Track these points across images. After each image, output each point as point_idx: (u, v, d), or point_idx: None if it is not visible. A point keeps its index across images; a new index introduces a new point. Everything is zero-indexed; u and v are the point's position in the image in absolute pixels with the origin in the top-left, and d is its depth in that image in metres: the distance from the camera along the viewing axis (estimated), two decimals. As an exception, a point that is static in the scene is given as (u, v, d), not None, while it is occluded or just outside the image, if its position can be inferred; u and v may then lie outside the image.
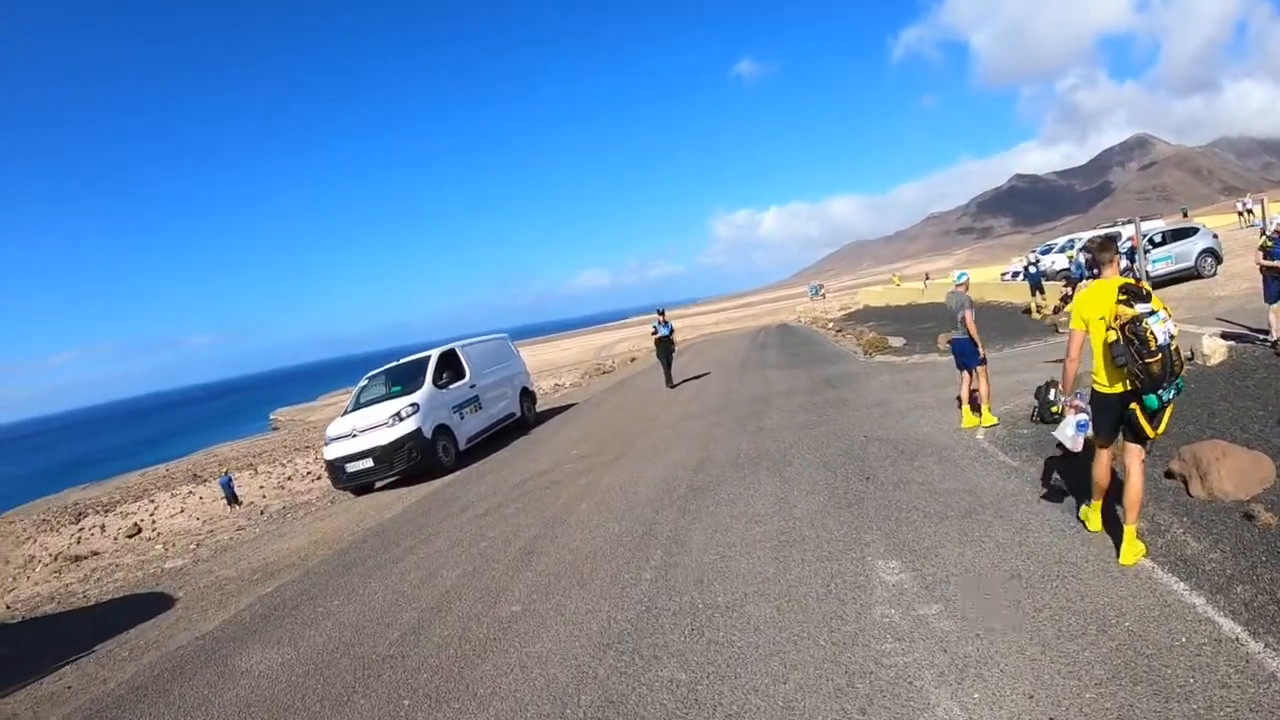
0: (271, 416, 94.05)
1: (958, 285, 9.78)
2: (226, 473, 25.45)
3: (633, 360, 44.66)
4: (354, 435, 13.64)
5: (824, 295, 75.31)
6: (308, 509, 14.33)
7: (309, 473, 29.72)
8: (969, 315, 9.40)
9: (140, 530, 27.82)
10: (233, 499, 23.77)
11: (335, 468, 13.72)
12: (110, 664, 7.27)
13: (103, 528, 29.12)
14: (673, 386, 20.00)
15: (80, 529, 30.04)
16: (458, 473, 13.67)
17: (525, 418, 17.99)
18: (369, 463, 13.38)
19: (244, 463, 40.31)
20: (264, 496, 27.63)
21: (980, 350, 9.44)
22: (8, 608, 11.40)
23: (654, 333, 20.49)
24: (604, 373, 37.79)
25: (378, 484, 13.83)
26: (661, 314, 20.87)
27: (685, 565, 6.30)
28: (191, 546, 13.05)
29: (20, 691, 7.14)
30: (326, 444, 14.06)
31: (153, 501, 33.01)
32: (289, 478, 30.78)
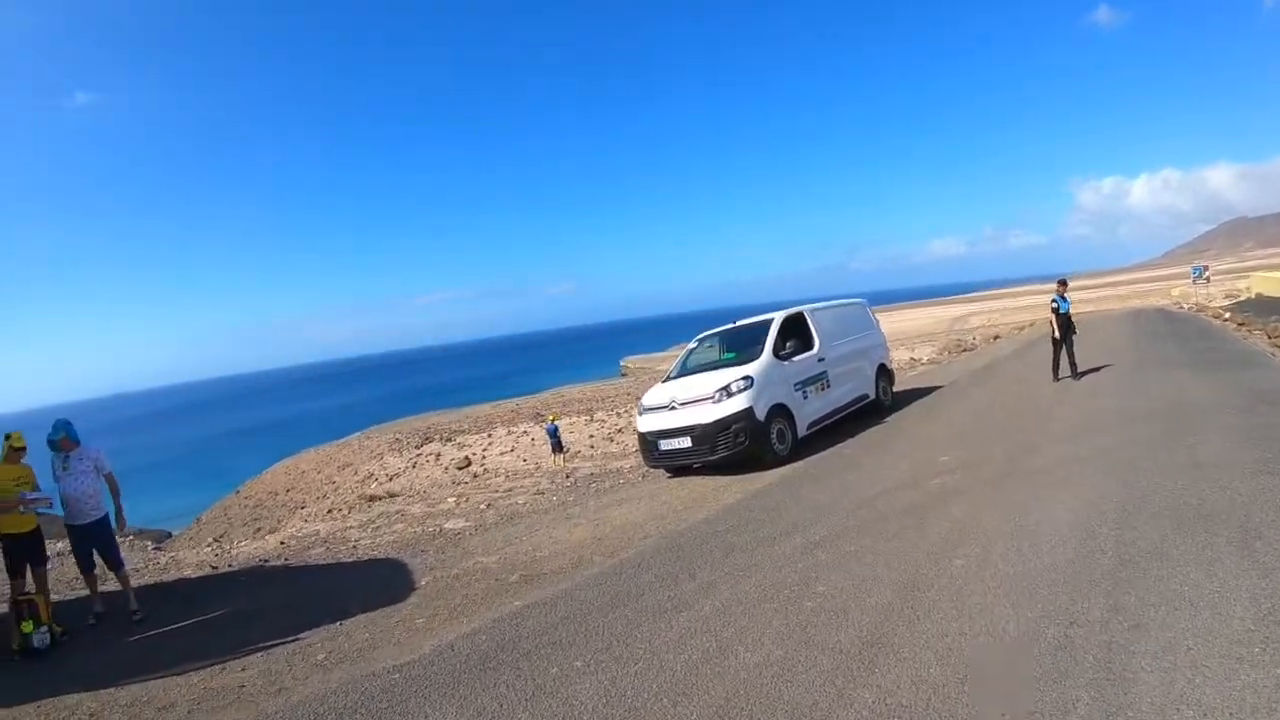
0: (622, 363, 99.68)
1: None
2: (554, 420, 25.51)
3: (995, 338, 38.72)
4: (672, 408, 11.43)
5: (1208, 279, 63.70)
6: (615, 481, 12.44)
7: None
8: None
9: (469, 464, 29.18)
10: (558, 447, 23.63)
11: (648, 443, 11.64)
12: (299, 666, 5.81)
13: (438, 456, 31.24)
14: (1077, 377, 15.32)
15: (419, 454, 32.53)
16: (791, 466, 10.82)
17: (879, 401, 14.65)
18: (686, 442, 11.09)
19: (584, 407, 41.57)
20: (591, 447, 27.48)
21: None
22: (282, 543, 10.90)
23: (1054, 308, 15.82)
24: (964, 350, 32.84)
25: (694, 465, 11.48)
26: (1063, 285, 16.19)
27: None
28: (483, 505, 11.76)
29: (198, 673, 5.96)
30: (640, 414, 12.03)
31: (490, 436, 34.89)
32: (620, 430, 30.48)
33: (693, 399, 11.36)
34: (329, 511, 21.84)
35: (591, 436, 30.35)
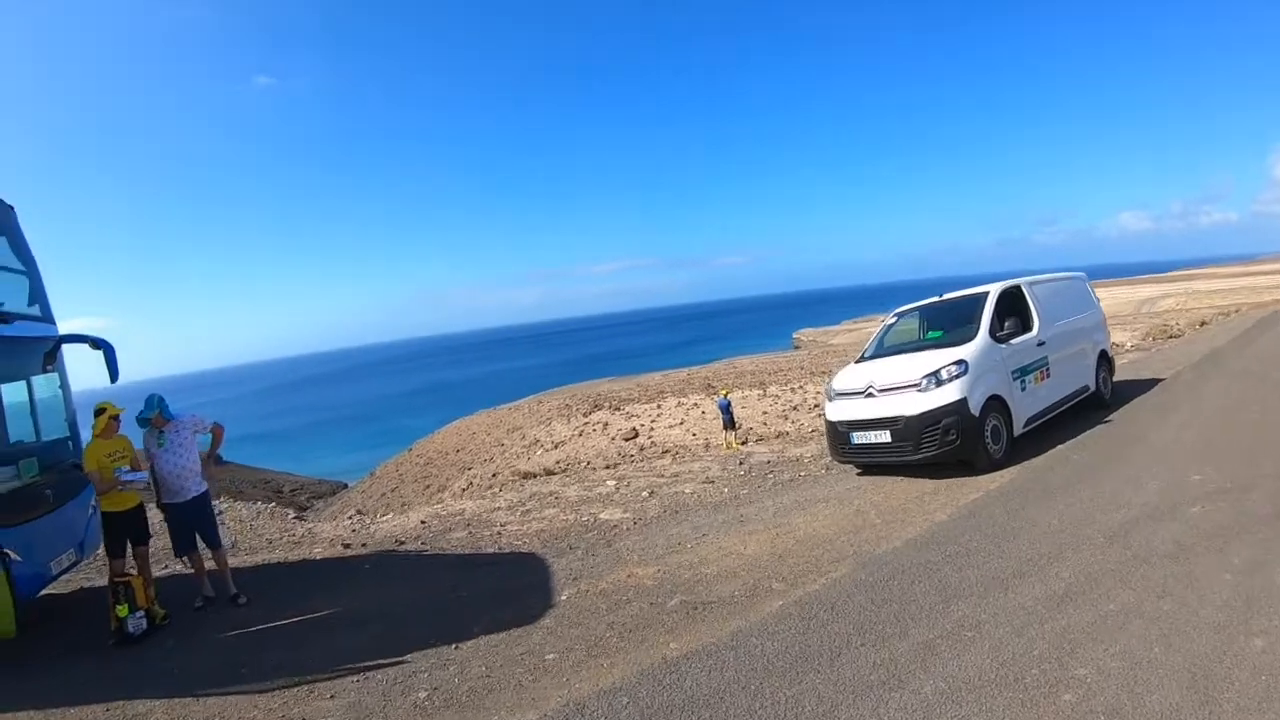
0: (794, 335, 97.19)
1: None
2: (725, 395, 23.75)
3: (1203, 324, 33.41)
4: (870, 394, 9.54)
5: None
6: (794, 473, 10.72)
7: (816, 405, 26.95)
8: None
9: (636, 435, 28.19)
10: (730, 423, 21.94)
11: (838, 434, 9.82)
12: (395, 703, 4.75)
13: (605, 425, 30.43)
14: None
15: (587, 421, 31.89)
16: (1007, 474, 8.70)
17: (1099, 394, 12.04)
18: (885, 436, 9.19)
19: (756, 380, 39.71)
20: (764, 424, 25.72)
21: None
22: (423, 522, 9.99)
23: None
24: (1170, 336, 28.52)
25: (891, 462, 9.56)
26: None
27: None
28: (644, 493, 10.39)
29: (282, 694, 5.07)
30: (830, 399, 10.20)
31: (659, 407, 33.79)
32: (794, 406, 28.50)
33: (895, 385, 9.42)
34: (487, 486, 21.44)
35: (765, 413, 28.56)
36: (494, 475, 27.50)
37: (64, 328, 7.93)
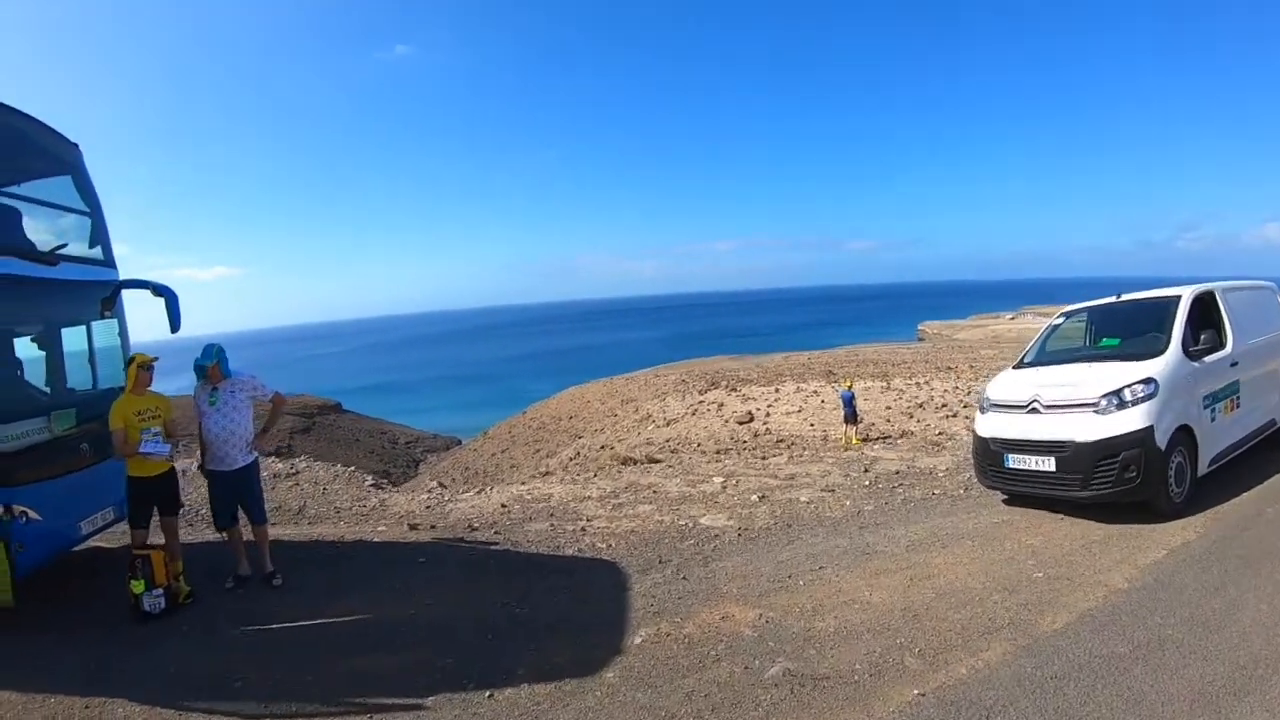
0: (919, 327, 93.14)
1: None
2: (849, 387, 21.65)
3: None
4: (1033, 409, 7.66)
5: None
6: (927, 491, 9.02)
7: (943, 405, 24.57)
8: None
9: (751, 419, 26.65)
10: (852, 417, 19.92)
11: (989, 453, 7.99)
12: None
13: (720, 406, 29.01)
14: None
15: (702, 400, 30.57)
16: (1191, 524, 6.75)
17: None
18: (1048, 464, 7.35)
19: (879, 370, 37.32)
20: (888, 421, 23.62)
21: None
22: (503, 506, 8.90)
23: None
24: None
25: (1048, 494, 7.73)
26: None
27: None
28: (754, 496, 8.97)
29: None
30: (983, 410, 8.36)
31: (777, 391, 32.08)
32: (920, 404, 26.13)
33: (1066, 402, 7.51)
34: (592, 458, 20.48)
35: (888, 408, 26.34)
36: (601, 448, 26.63)
37: (202, 276, 7.18)
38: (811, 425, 25.00)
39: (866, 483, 9.55)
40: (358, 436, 42.29)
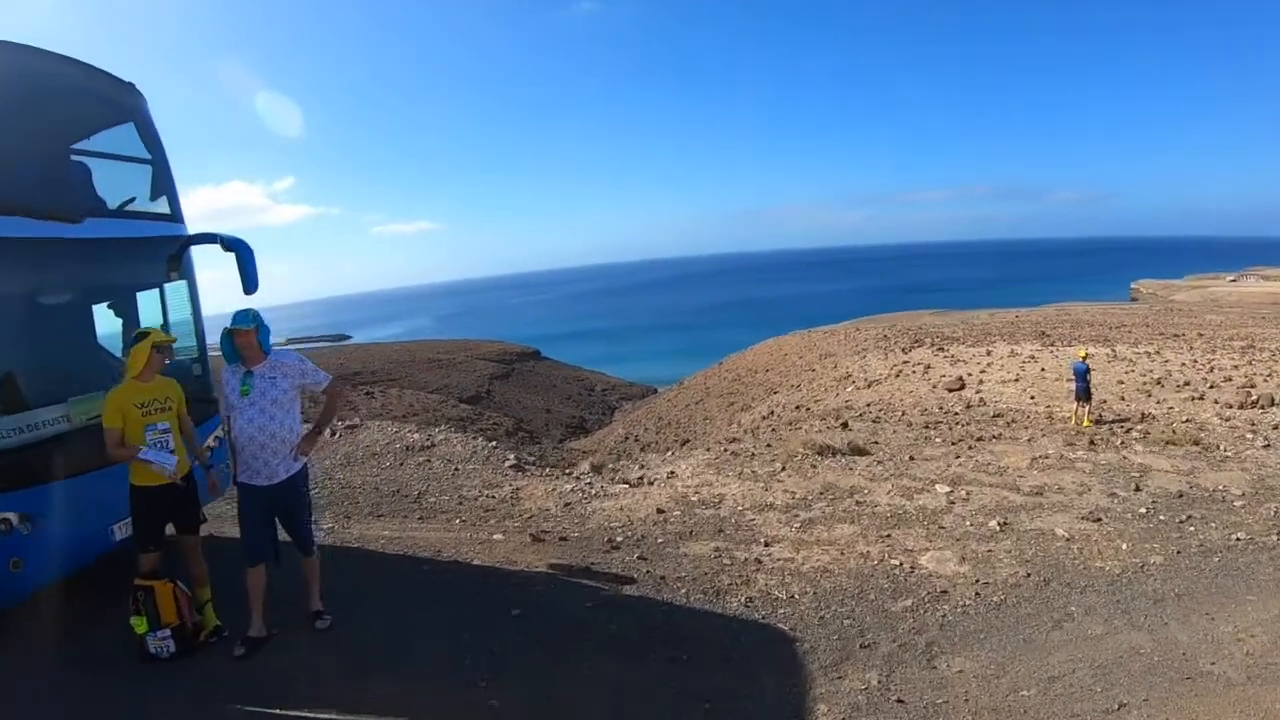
0: (1132, 286, 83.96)
1: None
2: (1084, 358, 16.97)
3: None
4: None
5: None
6: (1227, 531, 6.13)
7: (1185, 383, 19.38)
8: None
9: (963, 386, 23.21)
10: (1085, 394, 15.65)
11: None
12: None
13: (926, 368, 25.68)
14: None
15: (906, 360, 27.37)
16: None
17: None
18: None
19: (1097, 334, 32.06)
20: (1121, 397, 19.25)
21: None
22: (660, 511, 7.04)
23: None
24: None
25: None
26: None
27: None
28: (991, 523, 6.50)
29: None
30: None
31: (989, 354, 28.18)
32: (1157, 380, 21.08)
33: None
34: (786, 422, 18.20)
35: (1120, 383, 21.49)
36: (796, 408, 24.23)
37: (406, 230, 5.76)
38: (1032, 399, 21.11)
39: (1142, 509, 6.76)
40: (554, 383, 42.21)
